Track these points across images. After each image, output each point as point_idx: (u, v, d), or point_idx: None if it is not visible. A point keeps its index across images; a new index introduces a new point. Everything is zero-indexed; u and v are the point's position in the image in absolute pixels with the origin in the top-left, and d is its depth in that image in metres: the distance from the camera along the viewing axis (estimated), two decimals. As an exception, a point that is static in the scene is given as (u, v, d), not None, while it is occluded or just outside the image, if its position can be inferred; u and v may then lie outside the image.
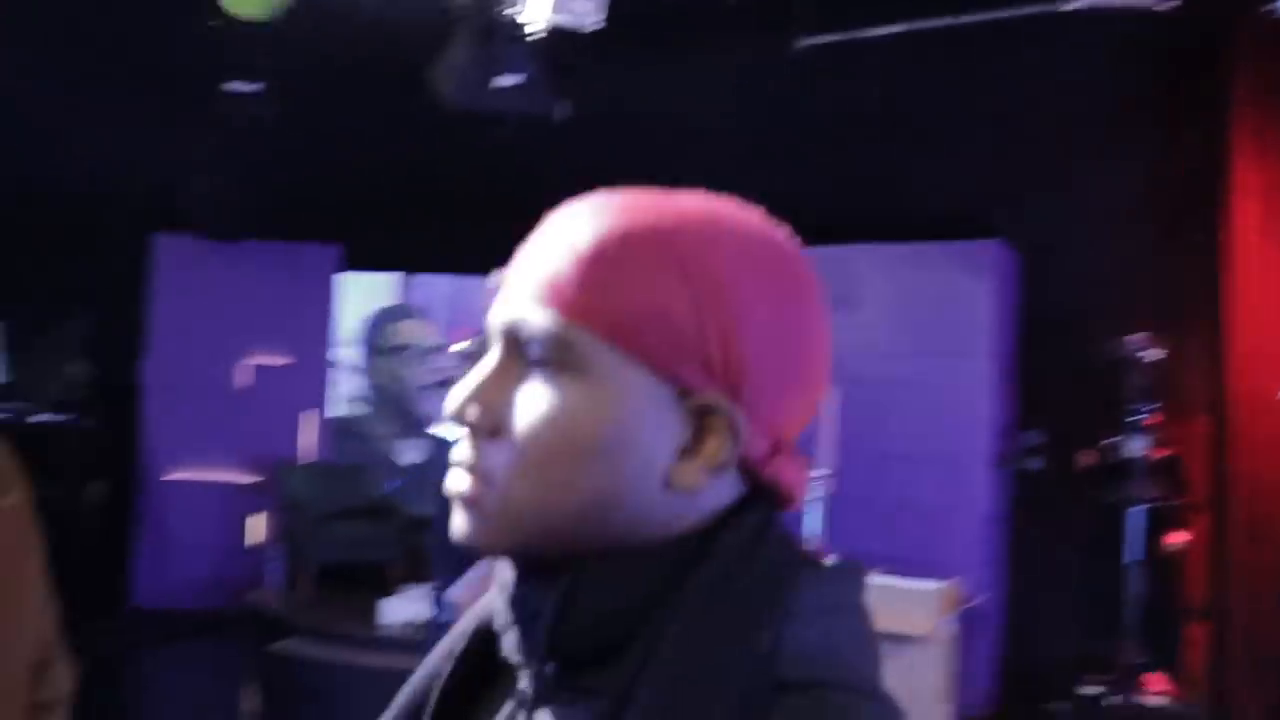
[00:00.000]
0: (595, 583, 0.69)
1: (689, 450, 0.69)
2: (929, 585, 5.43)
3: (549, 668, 0.71)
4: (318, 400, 7.86)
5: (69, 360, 7.25)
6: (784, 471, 0.72)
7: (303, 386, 7.74)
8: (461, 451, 0.72)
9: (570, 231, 0.71)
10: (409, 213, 6.97)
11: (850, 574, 0.73)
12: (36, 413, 6.91)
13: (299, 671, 6.15)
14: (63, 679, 1.62)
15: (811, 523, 5.16)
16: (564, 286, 0.69)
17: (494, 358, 0.72)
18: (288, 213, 6.97)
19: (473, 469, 0.71)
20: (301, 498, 7.15)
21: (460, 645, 0.79)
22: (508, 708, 0.75)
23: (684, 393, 0.69)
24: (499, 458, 0.70)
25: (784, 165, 5.65)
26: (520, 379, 0.71)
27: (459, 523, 0.72)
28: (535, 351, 0.69)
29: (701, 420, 0.69)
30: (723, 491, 0.71)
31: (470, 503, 0.71)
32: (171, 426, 7.39)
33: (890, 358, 6.26)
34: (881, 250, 6.35)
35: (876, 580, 5.53)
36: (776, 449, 0.72)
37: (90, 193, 6.64)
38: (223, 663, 6.62)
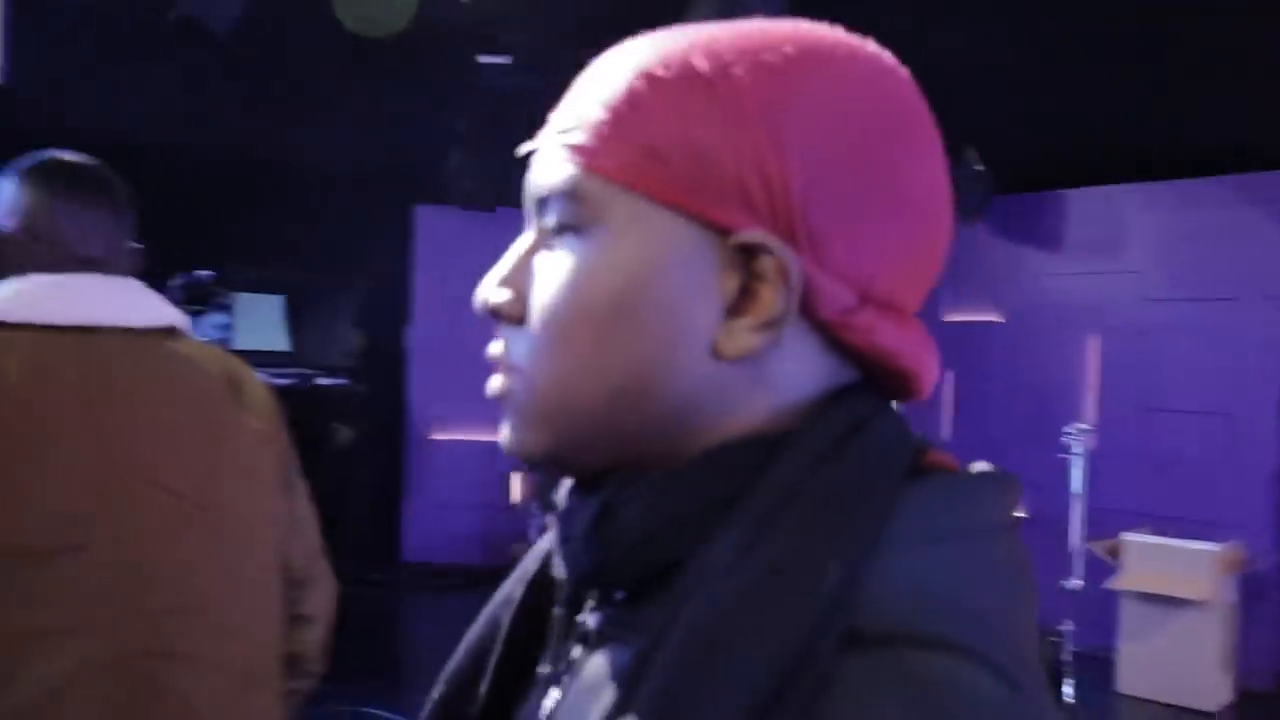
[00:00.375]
0: (636, 493, 0.56)
1: (737, 308, 0.56)
2: (1206, 547, 5.09)
3: (588, 600, 0.62)
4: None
5: (344, 328, 7.78)
6: (885, 337, 0.57)
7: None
8: (494, 346, 0.64)
9: (591, 75, 0.60)
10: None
11: (987, 488, 0.56)
12: (316, 377, 7.44)
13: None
14: (322, 597, 1.73)
15: (1074, 480, 4.91)
16: (575, 133, 0.59)
17: (524, 238, 0.63)
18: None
19: (503, 362, 0.62)
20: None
21: (533, 568, 0.70)
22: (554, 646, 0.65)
23: (723, 234, 0.55)
24: (524, 344, 0.61)
25: (1047, 101, 5.36)
26: (534, 243, 0.62)
27: (502, 431, 0.63)
28: (551, 216, 0.59)
29: (750, 267, 0.56)
30: (804, 371, 0.58)
31: (505, 402, 0.62)
32: (437, 389, 7.81)
33: (1158, 303, 5.87)
34: (1148, 189, 5.95)
35: (1149, 540, 5.24)
36: (869, 306, 0.57)
37: (359, 168, 7.09)
38: (485, 613, 6.95)
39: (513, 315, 0.61)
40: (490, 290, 0.62)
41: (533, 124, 0.69)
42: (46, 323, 1.40)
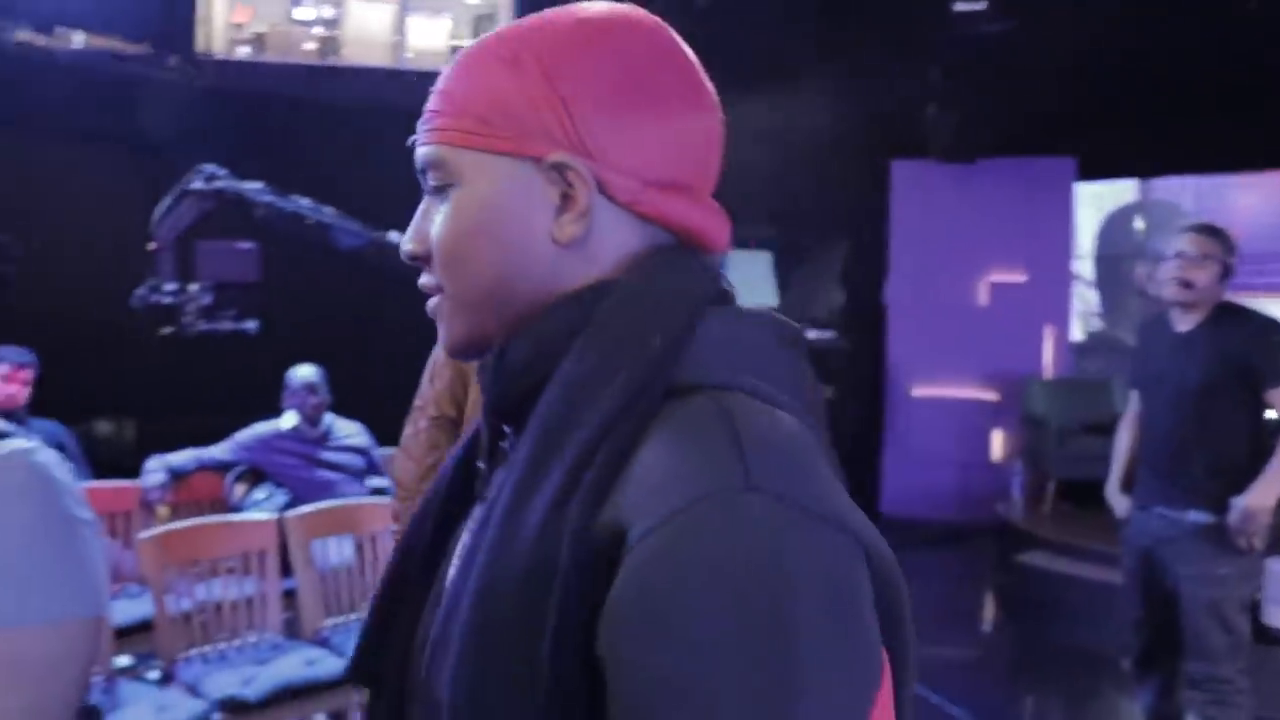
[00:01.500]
0: (517, 337, 0.79)
1: (562, 209, 0.78)
2: None
3: (500, 424, 0.81)
4: (1058, 316, 7.75)
5: (826, 283, 7.95)
6: (669, 209, 0.80)
7: (1043, 302, 7.69)
8: (423, 278, 0.84)
9: (442, 74, 0.83)
10: (1144, 115, 6.53)
11: (765, 319, 0.79)
12: (804, 330, 7.67)
13: (1040, 583, 6.19)
14: None
15: None
16: (430, 117, 0.81)
17: (424, 201, 0.83)
18: (1020, 128, 6.91)
19: (430, 289, 0.83)
20: (1043, 413, 7.13)
21: (469, 433, 0.89)
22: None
23: (538, 161, 0.78)
24: (435, 273, 0.82)
25: None
26: (428, 204, 0.83)
27: (440, 337, 0.84)
28: (430, 184, 0.81)
29: (565, 179, 0.77)
30: (621, 240, 0.79)
31: (436, 316, 0.83)
32: (915, 344, 7.78)
33: None
34: None
35: None
36: (651, 188, 0.79)
37: (836, 125, 7.17)
38: (965, 571, 6.89)
39: (423, 256, 0.82)
40: (406, 242, 0.83)
41: (1012, 70, 0.74)
42: None
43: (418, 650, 0.81)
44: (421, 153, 0.82)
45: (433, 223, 0.81)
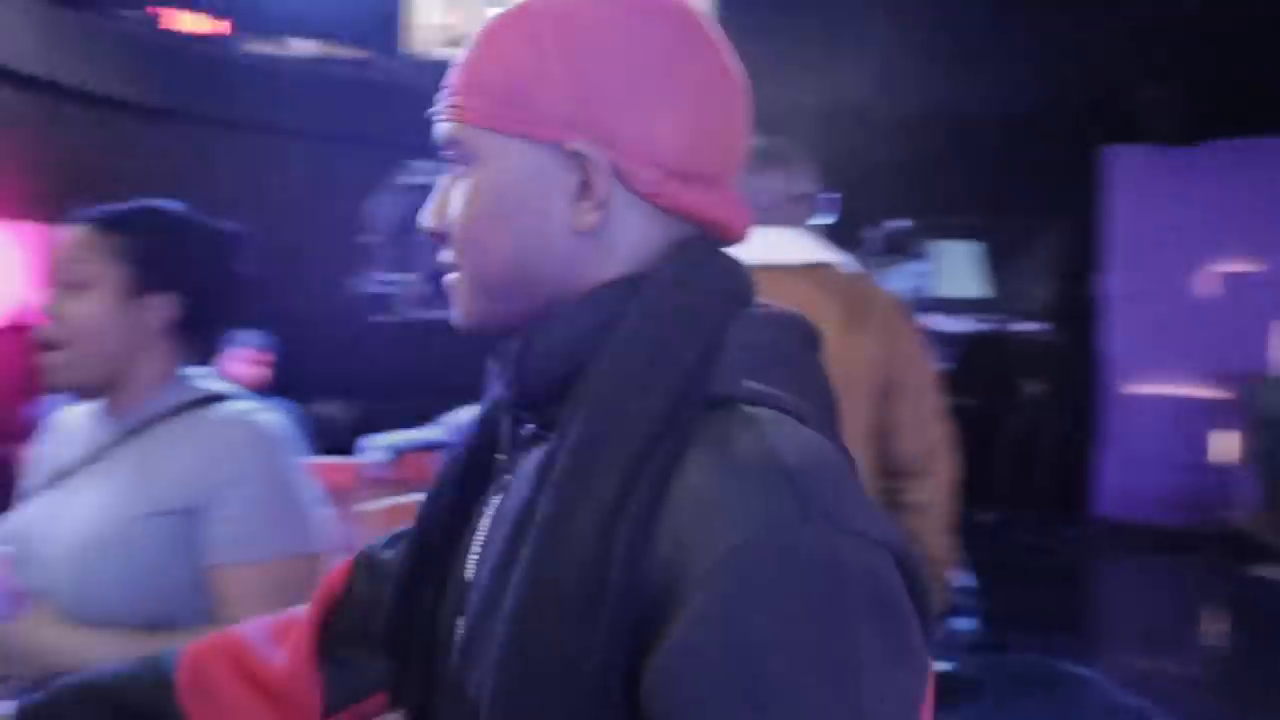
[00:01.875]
0: (544, 328, 0.78)
1: (580, 196, 0.77)
2: None
3: (522, 414, 0.82)
4: (1291, 309, 7.25)
5: (1036, 274, 7.66)
6: (689, 200, 0.79)
7: (1273, 294, 7.20)
8: (442, 255, 0.83)
9: (461, 55, 0.82)
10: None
11: (787, 320, 0.80)
12: (1011, 323, 7.44)
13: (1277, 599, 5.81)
14: (930, 488, 2.03)
15: None
16: (451, 95, 0.81)
17: (444, 177, 0.83)
18: (1242, 110, 6.50)
19: (447, 265, 0.83)
20: (1275, 414, 6.68)
21: (483, 411, 0.89)
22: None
23: (556, 148, 0.77)
24: (453, 250, 0.82)
25: None
26: (449, 181, 0.83)
27: (452, 315, 0.84)
28: (450, 159, 0.81)
29: (584, 167, 0.77)
30: (643, 231, 0.79)
31: (451, 293, 0.83)
32: (1132, 338, 7.41)
33: None
34: None
35: None
36: (672, 179, 0.78)
37: (1043, 110, 6.91)
38: (1184, 581, 6.51)
39: (437, 230, 0.82)
40: (426, 218, 0.84)
41: (1228, 49, 0.68)
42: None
43: (443, 638, 0.82)
44: (441, 130, 0.81)
45: (451, 201, 0.81)
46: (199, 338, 1.55)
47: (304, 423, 4.49)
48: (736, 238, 0.83)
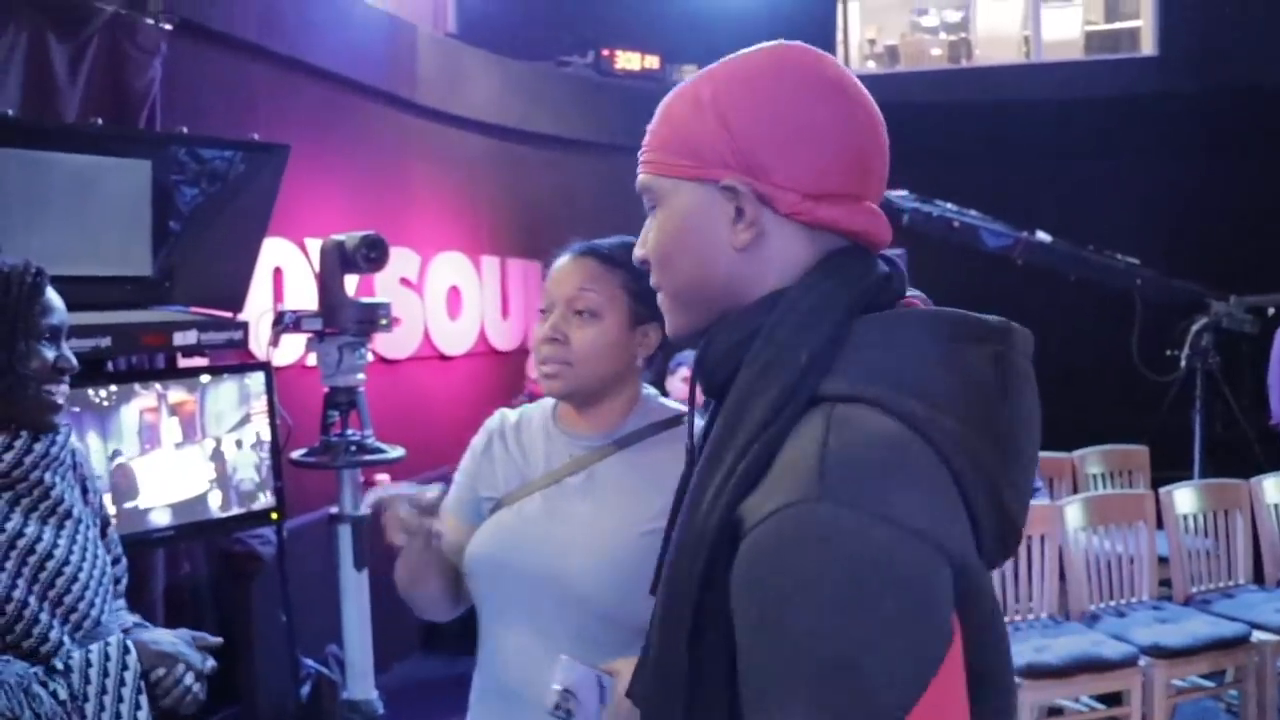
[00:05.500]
0: (715, 332, 0.99)
1: (737, 221, 0.96)
2: None
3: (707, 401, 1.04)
4: None
5: None
6: (829, 216, 0.95)
7: None
8: (651, 279, 1.06)
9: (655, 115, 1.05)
10: None
11: (928, 320, 0.92)
12: None
13: None
14: None
15: None
16: (643, 153, 1.02)
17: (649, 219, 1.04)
18: None
19: (655, 287, 1.06)
20: None
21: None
22: None
23: (716, 184, 0.96)
24: (653, 274, 1.05)
25: None
26: (650, 219, 1.04)
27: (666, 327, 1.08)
28: (647, 202, 1.03)
29: (738, 198, 0.95)
30: (794, 245, 0.96)
31: (662, 309, 1.05)
32: None
33: None
34: None
35: None
36: (809, 199, 0.95)
37: None
38: None
39: (644, 258, 1.05)
40: (636, 249, 1.06)
41: None
42: None
43: None
44: (638, 180, 1.03)
45: (649, 235, 1.03)
46: (659, 359, 1.66)
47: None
48: (881, 244, 0.99)
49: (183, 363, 3.23)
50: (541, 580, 1.54)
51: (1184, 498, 4.16)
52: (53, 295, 1.73)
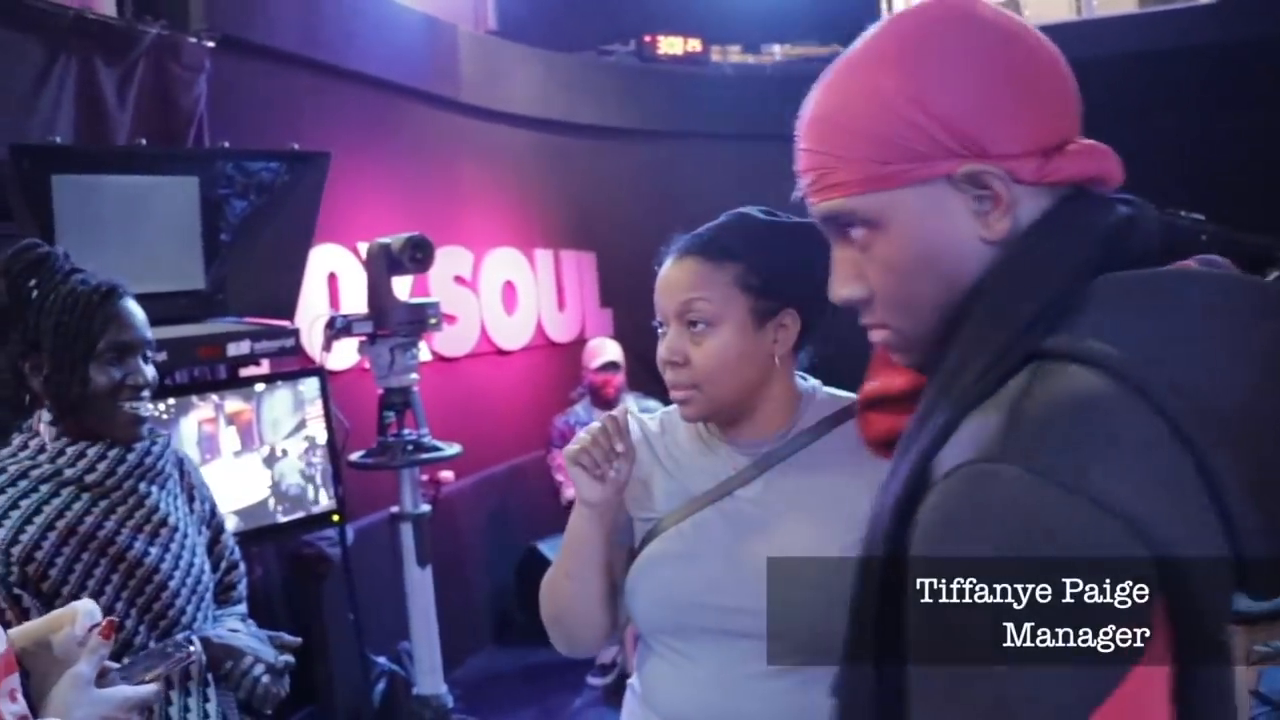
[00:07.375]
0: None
1: (983, 210, 0.84)
2: None
3: None
4: None
5: None
6: (1067, 168, 0.85)
7: None
8: (863, 317, 0.92)
9: (808, 132, 0.90)
10: None
11: (1163, 280, 0.80)
12: None
13: None
14: None
15: None
16: (817, 176, 0.89)
17: (839, 250, 0.91)
18: None
19: (873, 323, 0.92)
20: None
21: None
22: None
23: (948, 179, 0.84)
24: (879, 307, 0.90)
25: None
26: (853, 250, 0.90)
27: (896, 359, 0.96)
28: (846, 229, 0.89)
29: (979, 183, 0.84)
30: (1038, 213, 0.85)
31: (884, 344, 0.93)
32: None
33: None
34: None
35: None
36: (1041, 156, 0.84)
37: None
38: None
39: (864, 298, 0.90)
40: (842, 288, 0.91)
41: None
42: None
43: None
44: (823, 209, 0.89)
45: (867, 264, 0.89)
46: (809, 343, 1.48)
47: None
48: (1116, 182, 0.88)
49: (243, 373, 3.29)
50: (729, 612, 1.37)
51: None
52: (127, 312, 1.73)
